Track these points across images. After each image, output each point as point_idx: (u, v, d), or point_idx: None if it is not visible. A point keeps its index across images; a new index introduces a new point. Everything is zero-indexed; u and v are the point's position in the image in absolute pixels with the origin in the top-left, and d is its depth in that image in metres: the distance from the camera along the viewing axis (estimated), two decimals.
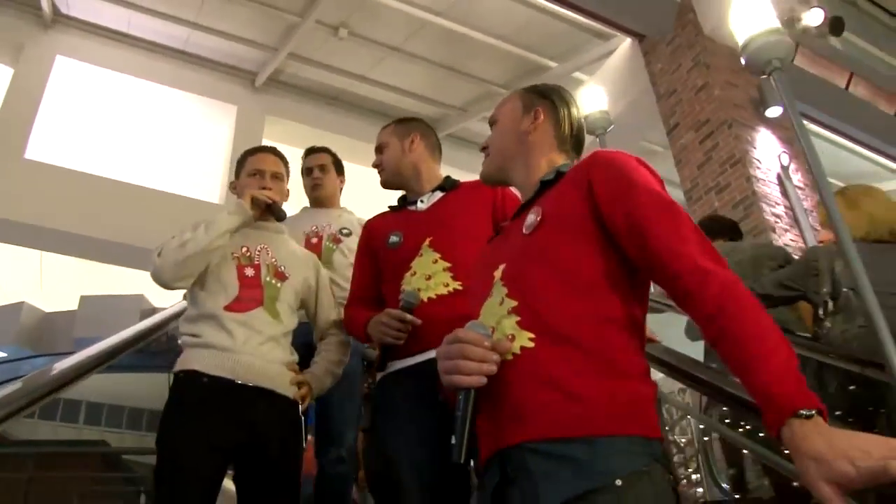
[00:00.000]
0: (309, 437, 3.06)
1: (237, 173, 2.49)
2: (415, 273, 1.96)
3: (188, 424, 1.99)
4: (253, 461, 2.05)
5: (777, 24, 2.57)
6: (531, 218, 1.34)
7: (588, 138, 3.90)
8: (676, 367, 2.11)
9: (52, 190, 7.97)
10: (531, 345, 1.18)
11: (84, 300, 11.10)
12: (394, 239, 2.09)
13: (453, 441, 1.15)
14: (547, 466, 1.10)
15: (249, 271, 2.25)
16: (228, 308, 2.14)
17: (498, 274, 1.32)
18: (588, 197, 1.28)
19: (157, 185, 8.96)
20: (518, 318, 1.22)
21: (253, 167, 2.42)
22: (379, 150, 2.28)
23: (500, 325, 1.23)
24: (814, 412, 0.95)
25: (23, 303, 11.48)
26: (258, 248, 2.33)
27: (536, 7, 7.66)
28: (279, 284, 2.28)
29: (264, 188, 2.37)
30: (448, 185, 2.20)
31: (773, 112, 6.18)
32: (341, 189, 3.39)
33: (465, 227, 1.99)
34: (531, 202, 1.40)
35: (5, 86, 8.71)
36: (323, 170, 3.28)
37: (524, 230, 1.34)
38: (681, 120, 6.40)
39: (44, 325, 11.69)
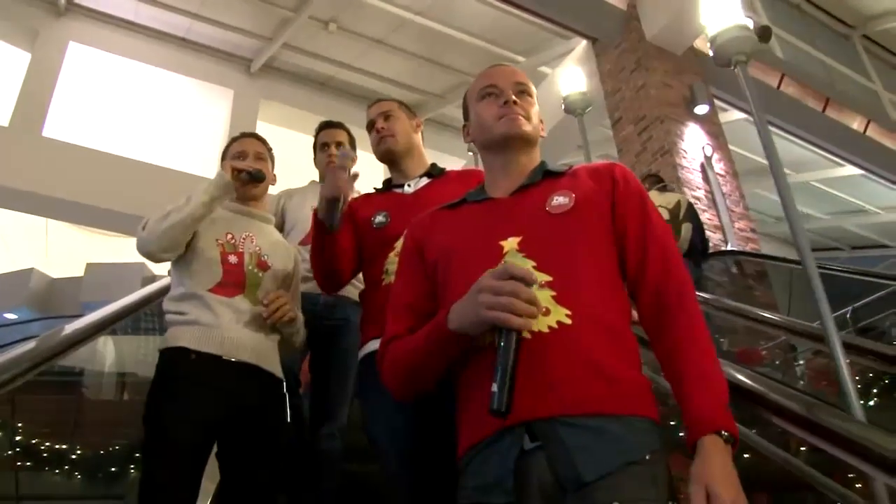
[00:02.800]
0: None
1: (222, 160, 2.49)
2: (399, 253, 1.88)
3: (175, 400, 1.99)
4: (237, 436, 2.04)
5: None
6: (561, 200, 1.37)
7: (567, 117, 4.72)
8: None
9: (67, 164, 8.66)
10: (569, 321, 1.21)
11: (90, 267, 11.63)
12: (380, 219, 2.05)
13: (494, 389, 1.10)
14: (583, 439, 1.13)
15: (233, 259, 2.24)
16: (213, 290, 2.16)
17: (510, 244, 1.31)
18: (610, 197, 1.39)
19: (160, 162, 9.68)
20: (554, 294, 1.23)
21: (236, 150, 2.43)
22: (385, 117, 2.23)
23: None
24: (732, 439, 1.13)
25: (32, 269, 11.87)
26: (242, 237, 2.32)
27: (504, 9, 8.50)
28: (261, 274, 2.28)
29: None
30: (435, 171, 2.20)
31: (701, 110, 7.15)
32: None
33: None
34: (532, 185, 1.44)
35: (24, 69, 9.42)
36: (340, 147, 3.11)
37: (550, 209, 1.36)
38: (623, 114, 7.35)
39: (51, 290, 12.08)
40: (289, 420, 2.28)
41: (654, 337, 1.30)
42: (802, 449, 2.08)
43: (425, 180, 2.16)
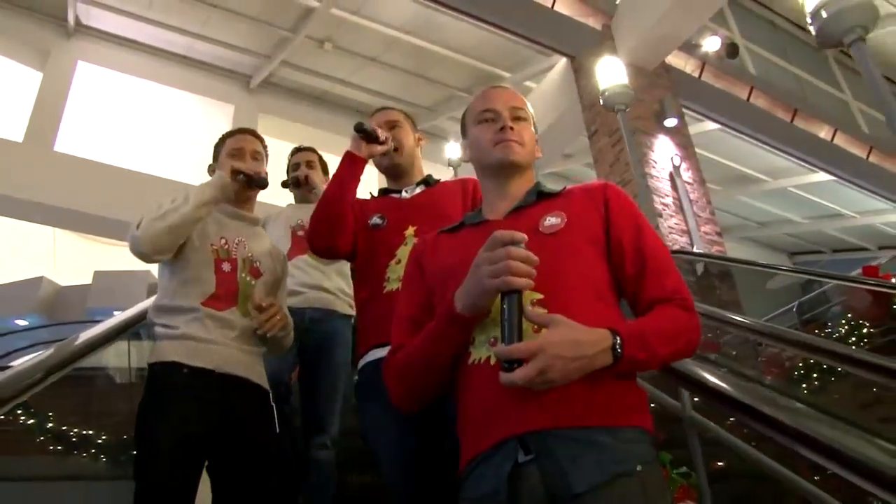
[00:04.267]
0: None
1: (215, 156, 2.42)
2: (399, 261, 1.92)
3: (168, 416, 1.94)
4: (227, 449, 2.01)
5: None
6: (552, 220, 1.39)
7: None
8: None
9: (77, 177, 9.05)
10: None
11: (97, 275, 11.82)
12: (376, 221, 2.06)
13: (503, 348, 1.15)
14: (574, 451, 1.13)
15: (226, 266, 2.20)
16: (205, 304, 2.11)
17: None
18: (604, 216, 1.41)
19: (165, 174, 10.12)
20: (545, 311, 1.24)
21: (232, 147, 2.36)
22: (391, 125, 2.22)
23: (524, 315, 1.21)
24: (619, 346, 1.17)
25: (42, 277, 12.13)
26: (236, 242, 2.27)
27: (489, 29, 8.90)
28: (253, 282, 2.24)
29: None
30: (431, 181, 2.22)
31: (670, 122, 7.67)
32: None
33: (447, 218, 1.84)
34: (526, 206, 1.47)
35: (36, 88, 9.88)
36: (310, 166, 3.24)
37: (542, 230, 1.38)
38: (599, 127, 7.84)
39: (60, 298, 12.34)
40: (278, 430, 2.25)
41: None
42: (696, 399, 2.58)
43: (421, 187, 2.20)
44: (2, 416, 2.04)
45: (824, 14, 2.46)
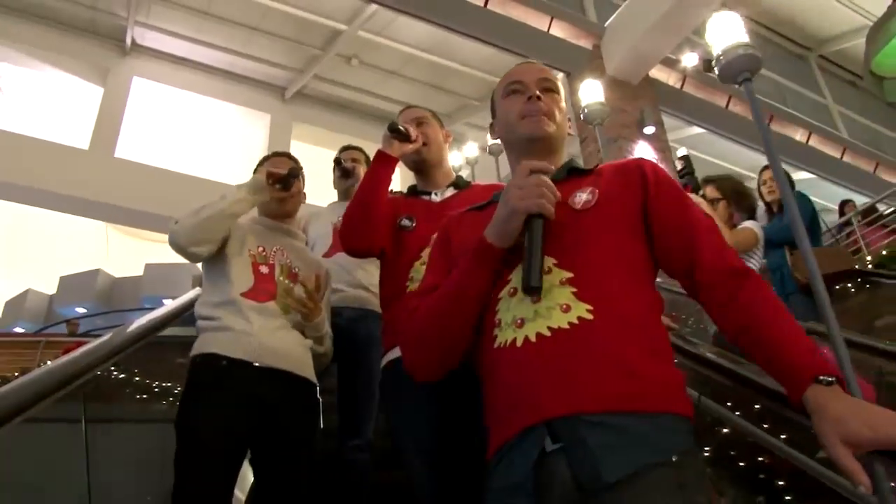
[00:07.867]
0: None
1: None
2: (424, 262, 1.84)
3: (208, 408, 1.94)
4: (270, 442, 2.00)
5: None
6: (584, 196, 1.31)
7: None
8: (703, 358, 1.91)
9: (134, 180, 10.18)
10: (590, 317, 1.15)
11: (148, 267, 13.19)
12: (406, 222, 2.01)
13: (524, 270, 1.16)
14: (605, 438, 1.05)
15: (264, 269, 2.22)
16: (245, 295, 2.12)
17: None
18: (641, 193, 1.33)
19: (209, 176, 11.17)
20: (574, 290, 1.18)
21: (269, 169, 2.40)
22: (419, 122, 2.16)
23: (552, 294, 1.17)
24: (833, 379, 1.02)
25: (98, 269, 13.51)
26: (274, 249, 2.30)
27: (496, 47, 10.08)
28: (291, 285, 2.25)
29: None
30: (462, 183, 2.15)
31: (649, 130, 8.76)
32: None
33: None
34: (557, 182, 1.32)
35: (98, 101, 11.17)
36: (356, 163, 3.18)
37: (573, 205, 1.31)
38: (588, 134, 8.80)
39: (115, 288, 13.70)
40: (322, 425, 2.24)
41: (729, 313, 1.21)
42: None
43: (452, 190, 2.11)
44: (100, 373, 2.15)
45: (723, 60, 3.54)
